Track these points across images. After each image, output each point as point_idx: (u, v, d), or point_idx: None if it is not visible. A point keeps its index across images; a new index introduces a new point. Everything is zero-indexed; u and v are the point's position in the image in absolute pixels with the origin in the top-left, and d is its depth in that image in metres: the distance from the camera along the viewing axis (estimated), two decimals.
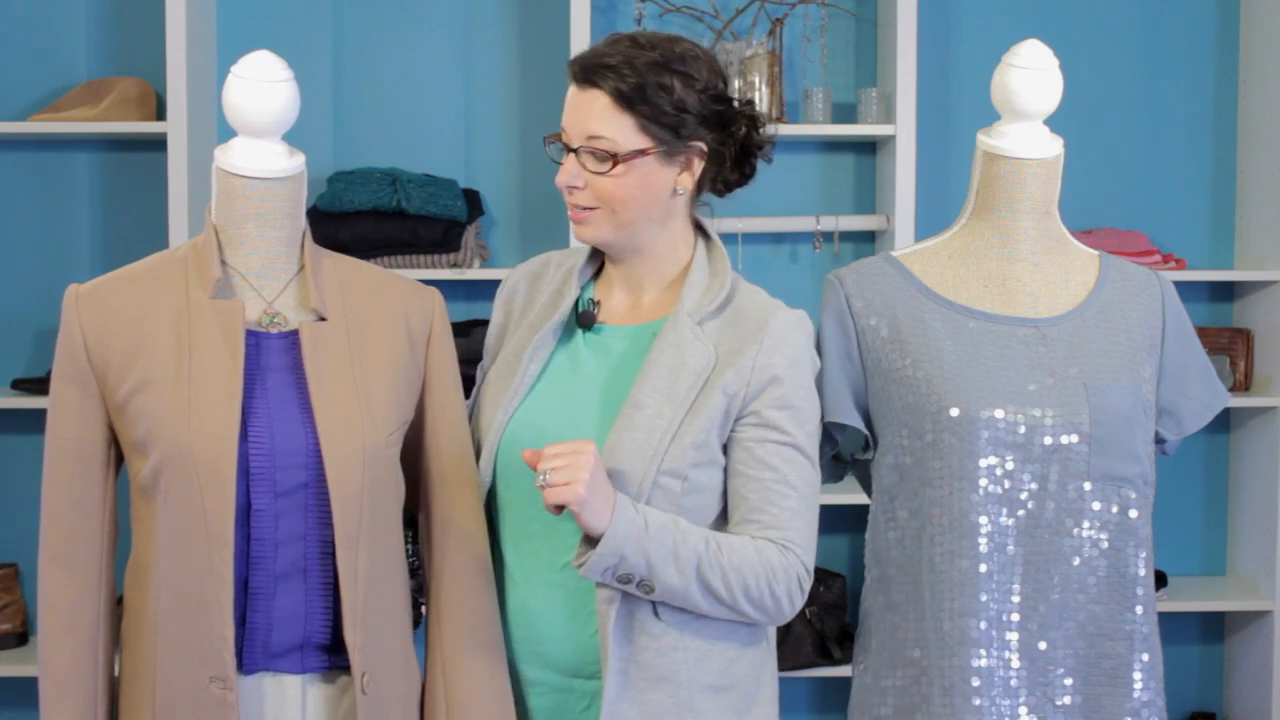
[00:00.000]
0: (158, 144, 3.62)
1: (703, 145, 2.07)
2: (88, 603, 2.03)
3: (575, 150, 2.05)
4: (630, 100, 2.02)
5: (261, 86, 2.02)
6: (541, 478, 1.90)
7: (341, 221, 3.62)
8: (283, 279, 2.09)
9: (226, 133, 3.08)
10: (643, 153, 2.03)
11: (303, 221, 2.11)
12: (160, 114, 3.64)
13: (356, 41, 3.84)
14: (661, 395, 2.03)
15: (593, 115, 2.03)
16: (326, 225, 3.58)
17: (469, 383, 2.22)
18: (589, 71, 2.04)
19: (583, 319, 2.14)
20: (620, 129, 2.03)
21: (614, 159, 2.03)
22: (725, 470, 2.07)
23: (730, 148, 2.11)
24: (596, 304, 2.15)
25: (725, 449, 2.07)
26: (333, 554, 2.00)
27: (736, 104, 2.11)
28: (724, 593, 2.00)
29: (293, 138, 2.11)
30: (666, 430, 2.02)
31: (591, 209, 2.06)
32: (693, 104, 2.05)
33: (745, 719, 2.10)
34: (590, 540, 1.96)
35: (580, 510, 1.91)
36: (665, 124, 2.04)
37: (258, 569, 1.98)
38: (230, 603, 1.94)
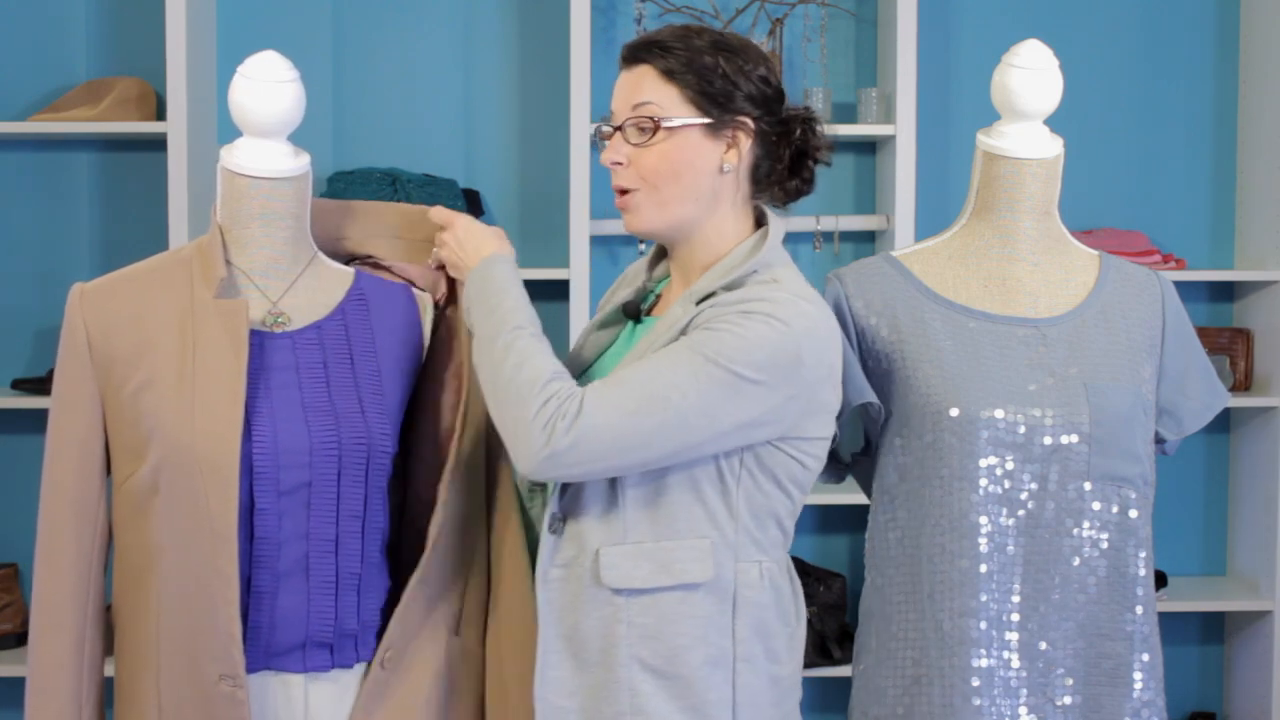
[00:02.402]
0: (158, 144, 3.62)
1: (749, 122, 2.02)
2: (77, 601, 2.03)
3: (620, 128, 2.03)
4: (676, 72, 2.00)
5: (267, 87, 2.02)
6: (433, 259, 2.12)
7: None
8: (287, 279, 2.09)
9: (226, 133, 3.08)
10: (687, 124, 2.00)
11: (308, 221, 2.12)
12: (160, 114, 3.64)
13: (356, 41, 3.84)
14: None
15: (640, 86, 2.01)
16: None
17: None
18: (638, 50, 2.03)
19: (627, 310, 2.13)
20: (666, 97, 2.00)
21: (656, 126, 1.99)
22: None
23: (786, 148, 2.06)
24: (657, 298, 2.13)
25: None
26: (335, 552, 2.01)
27: (789, 106, 2.08)
28: (503, 371, 1.92)
29: (293, 138, 2.11)
30: None
31: (633, 191, 2.02)
32: (741, 81, 2.02)
33: (695, 717, 1.98)
34: None
35: (458, 273, 2.09)
36: (710, 96, 2.00)
37: (260, 567, 1.99)
38: (237, 600, 1.95)
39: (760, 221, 2.08)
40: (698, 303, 1.98)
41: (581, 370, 2.14)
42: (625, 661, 1.97)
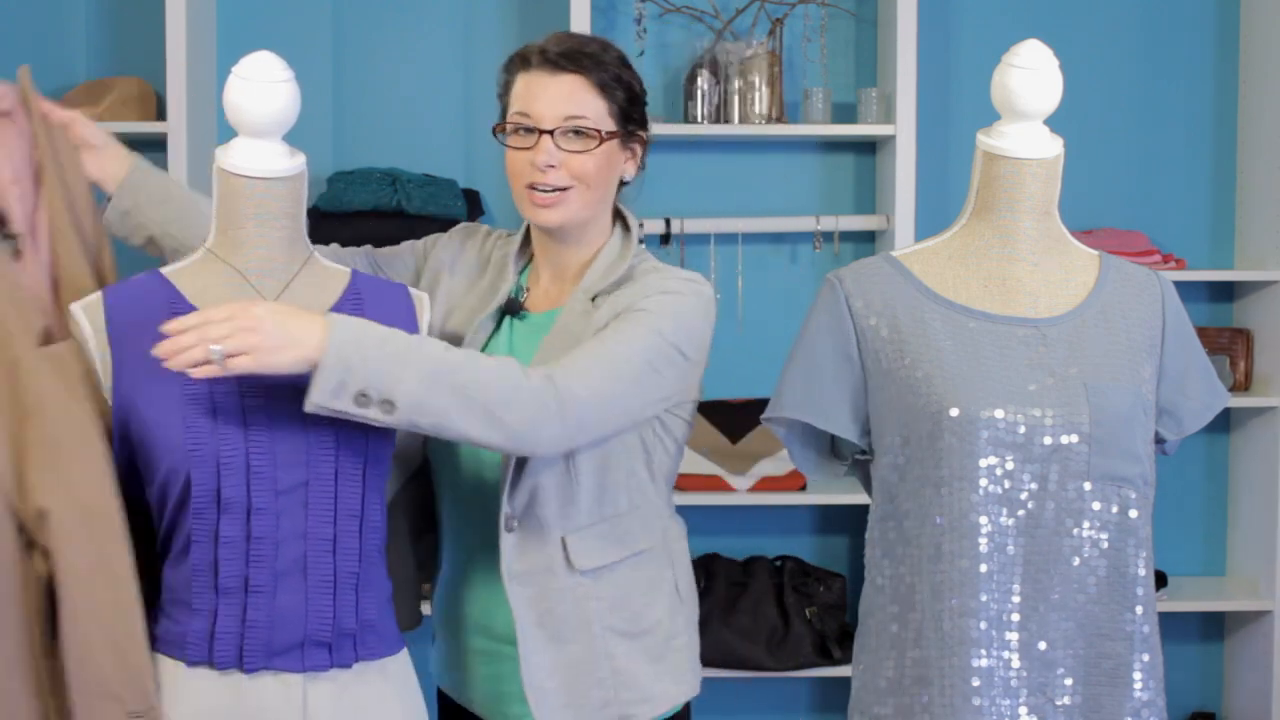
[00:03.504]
0: (158, 144, 3.61)
1: (644, 137, 2.26)
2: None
3: (549, 132, 2.16)
4: (607, 86, 2.19)
5: (262, 87, 2.03)
6: (215, 356, 1.83)
7: (341, 222, 3.62)
8: (283, 278, 2.09)
9: (226, 133, 3.08)
10: (613, 135, 2.19)
11: (303, 221, 2.12)
12: (160, 114, 3.64)
13: (356, 41, 3.84)
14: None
15: (573, 98, 2.17)
16: (326, 225, 3.58)
17: None
18: (569, 58, 2.18)
19: (510, 306, 2.26)
20: (598, 109, 2.18)
21: (600, 137, 2.17)
22: None
23: (645, 157, 2.30)
24: (526, 291, 2.28)
25: None
26: (333, 552, 2.01)
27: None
28: (473, 403, 1.93)
29: (293, 138, 2.11)
30: None
31: (564, 189, 2.17)
32: (640, 100, 2.24)
33: (662, 664, 2.23)
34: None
35: (273, 363, 1.85)
36: (627, 113, 2.21)
37: (258, 567, 1.99)
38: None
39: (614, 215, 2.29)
40: (593, 299, 2.18)
41: None
42: (600, 633, 2.18)
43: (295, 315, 1.89)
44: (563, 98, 2.16)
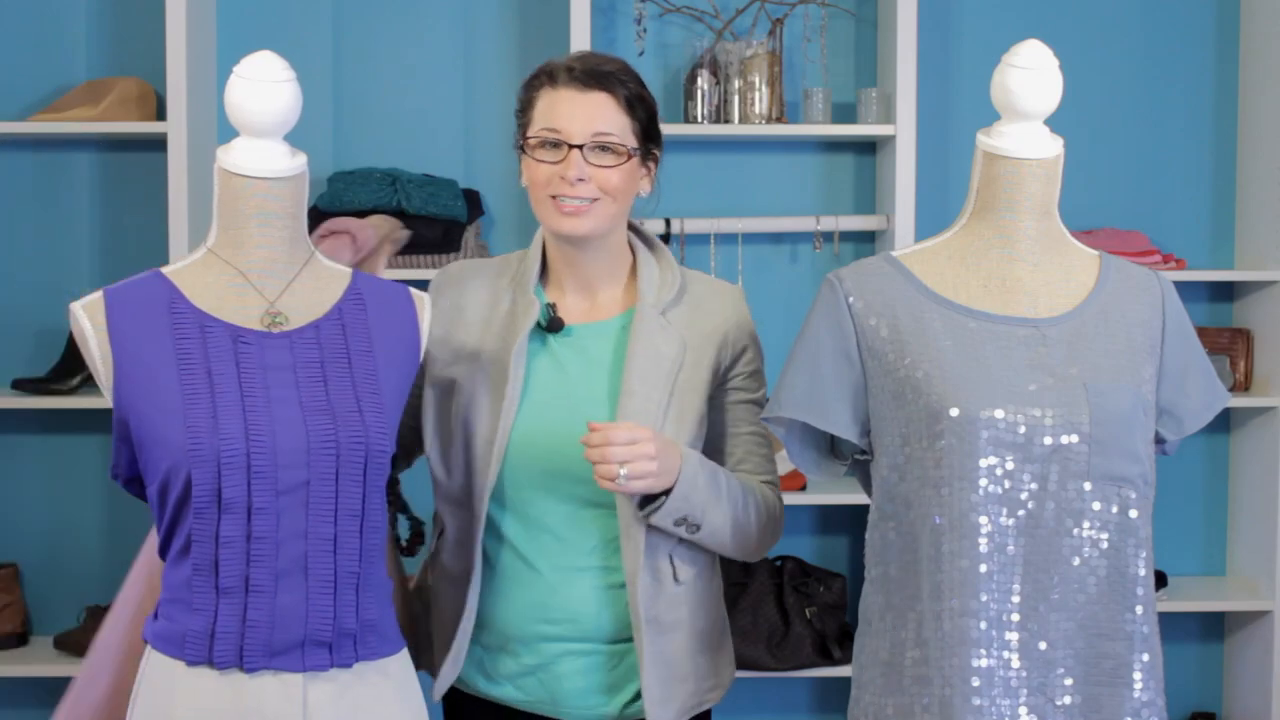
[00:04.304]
0: (158, 144, 3.62)
1: (658, 155, 2.36)
2: None
3: (579, 146, 2.24)
4: (631, 105, 2.29)
5: (264, 87, 2.03)
6: (620, 477, 2.14)
7: None
8: (284, 278, 2.10)
9: (226, 133, 3.08)
10: (636, 151, 2.30)
11: (304, 221, 2.12)
12: (160, 114, 3.64)
13: (356, 41, 3.84)
14: (649, 382, 2.28)
15: (602, 115, 2.26)
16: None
17: None
18: (596, 77, 2.28)
19: (553, 324, 2.32)
20: (624, 129, 2.28)
21: (629, 155, 2.28)
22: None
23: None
24: (553, 307, 2.33)
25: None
26: (333, 551, 2.01)
27: None
28: (752, 530, 2.33)
29: (293, 138, 2.11)
30: (657, 411, 2.27)
31: (593, 200, 2.26)
32: (657, 120, 2.35)
33: (720, 655, 2.43)
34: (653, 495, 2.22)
35: (654, 489, 2.19)
36: (648, 131, 2.32)
37: (259, 566, 1.99)
38: None
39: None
40: (663, 312, 2.33)
41: (516, 387, 2.28)
42: (690, 633, 2.36)
43: (668, 450, 2.20)
44: (592, 114, 2.26)
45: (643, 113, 2.30)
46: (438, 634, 2.39)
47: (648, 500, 2.24)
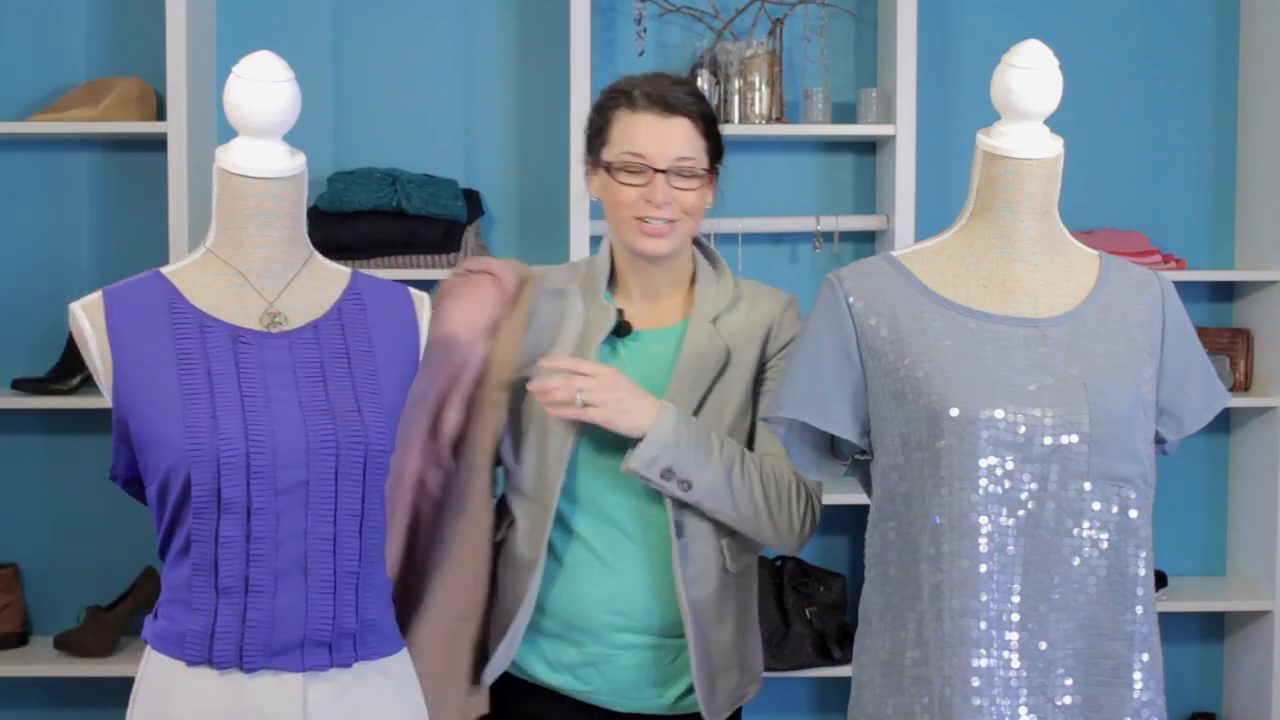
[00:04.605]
0: (158, 144, 3.62)
1: (718, 169, 2.45)
2: None
3: (663, 171, 2.35)
4: (708, 129, 2.40)
5: (263, 87, 2.03)
6: (578, 400, 2.25)
7: (341, 221, 3.62)
8: (284, 278, 2.10)
9: (226, 133, 3.08)
10: (709, 171, 2.41)
11: (304, 221, 2.12)
12: (160, 114, 3.64)
13: (356, 41, 3.84)
14: (687, 384, 2.39)
15: (681, 139, 2.37)
16: (326, 225, 3.58)
17: None
18: (675, 103, 2.38)
19: (621, 329, 2.44)
20: (700, 151, 2.39)
21: (708, 179, 2.41)
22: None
23: None
24: (621, 313, 2.45)
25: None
26: (333, 551, 2.01)
27: None
28: (758, 499, 2.36)
29: (293, 138, 2.11)
30: (693, 406, 2.38)
31: (673, 221, 2.37)
32: (721, 139, 2.44)
33: (751, 635, 2.55)
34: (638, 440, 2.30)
35: (616, 421, 2.28)
36: (717, 152, 2.43)
37: (258, 566, 1.99)
38: None
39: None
40: (714, 320, 2.44)
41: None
42: (735, 626, 2.49)
43: (642, 393, 2.31)
44: (674, 140, 2.36)
45: (714, 135, 2.41)
46: (495, 620, 2.46)
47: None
